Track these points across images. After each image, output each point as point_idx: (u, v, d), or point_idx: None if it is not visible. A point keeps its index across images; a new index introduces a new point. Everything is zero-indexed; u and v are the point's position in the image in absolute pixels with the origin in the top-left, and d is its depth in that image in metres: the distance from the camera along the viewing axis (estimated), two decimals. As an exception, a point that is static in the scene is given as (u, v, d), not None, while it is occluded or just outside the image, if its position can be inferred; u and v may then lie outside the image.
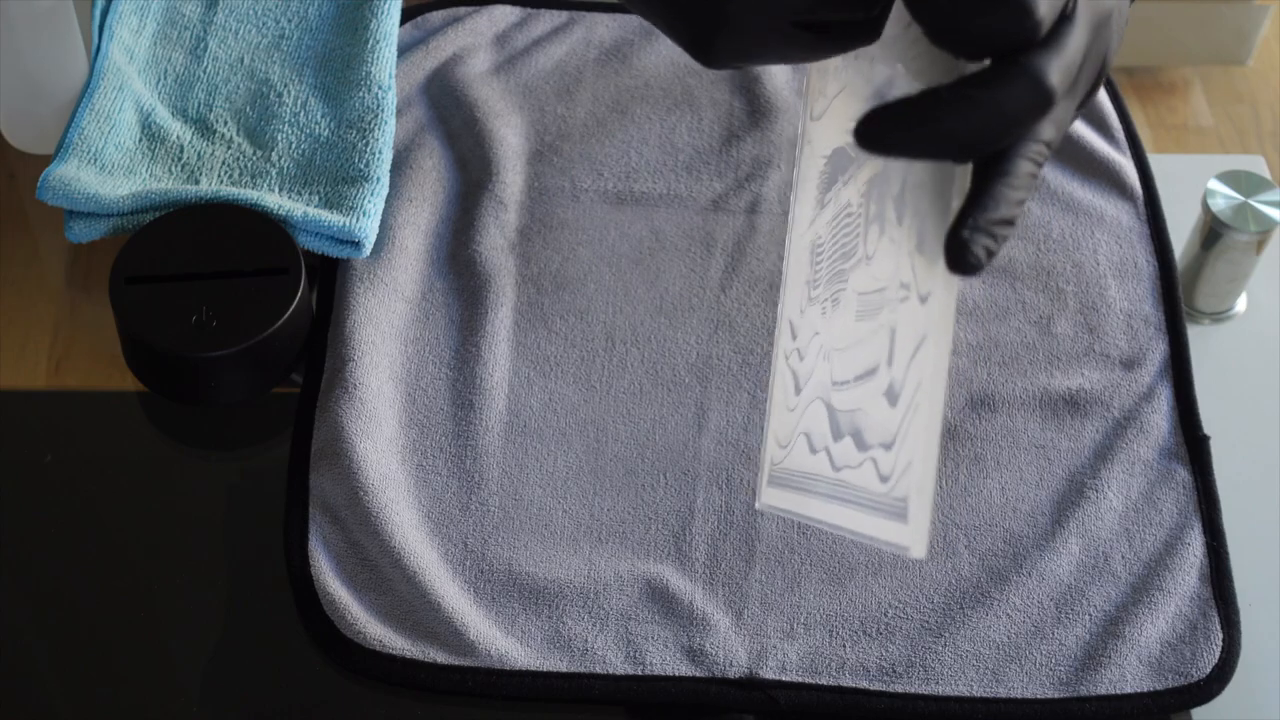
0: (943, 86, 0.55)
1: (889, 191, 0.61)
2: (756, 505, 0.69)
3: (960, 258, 0.56)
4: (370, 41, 0.89)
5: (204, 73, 0.89)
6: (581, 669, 0.72)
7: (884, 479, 0.60)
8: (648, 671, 0.72)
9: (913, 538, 0.58)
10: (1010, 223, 0.57)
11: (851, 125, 0.57)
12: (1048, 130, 0.58)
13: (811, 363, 0.66)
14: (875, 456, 0.60)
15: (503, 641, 0.72)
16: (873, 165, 0.62)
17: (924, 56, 0.59)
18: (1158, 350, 0.82)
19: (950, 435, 0.77)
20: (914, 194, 0.59)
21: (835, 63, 0.66)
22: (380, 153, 0.84)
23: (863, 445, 0.61)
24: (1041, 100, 0.56)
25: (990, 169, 0.57)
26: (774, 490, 0.68)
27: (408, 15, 0.93)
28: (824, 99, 0.67)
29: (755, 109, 0.89)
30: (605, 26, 0.93)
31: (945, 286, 0.57)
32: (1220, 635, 0.73)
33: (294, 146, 0.85)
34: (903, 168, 0.60)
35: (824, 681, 0.72)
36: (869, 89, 0.63)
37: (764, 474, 0.69)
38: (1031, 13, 0.55)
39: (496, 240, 0.84)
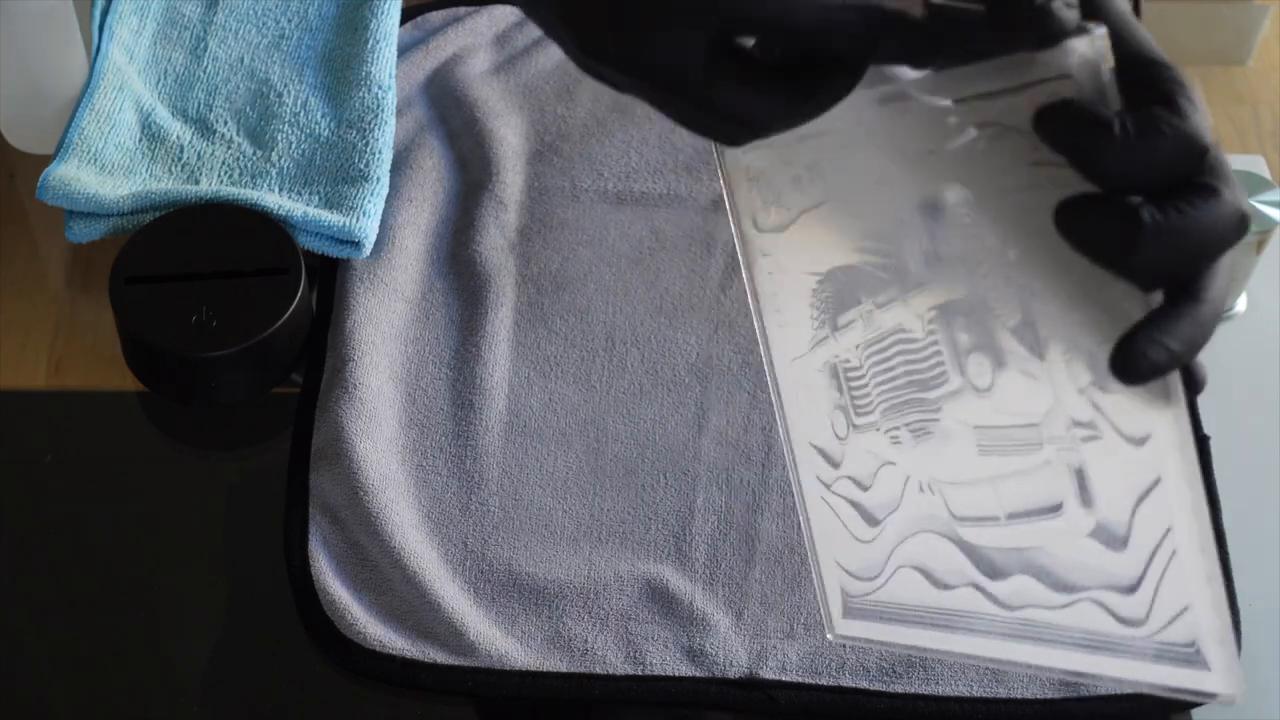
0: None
1: (998, 323, 0.56)
2: (829, 636, 0.66)
3: (1132, 366, 0.51)
4: (370, 41, 0.89)
5: (204, 73, 0.89)
6: (581, 669, 0.72)
7: (1130, 623, 0.57)
8: (648, 671, 0.72)
9: (1223, 683, 0.56)
10: (1198, 347, 0.52)
11: (859, 243, 0.55)
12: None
13: (889, 494, 0.63)
14: (1101, 599, 0.57)
15: (503, 641, 0.72)
16: (945, 292, 0.58)
17: (983, 168, 0.55)
18: (1158, 350, 0.82)
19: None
20: (1056, 326, 0.54)
21: (763, 163, 0.61)
22: (380, 153, 0.84)
23: (1062, 586, 0.58)
24: (1241, 224, 0.52)
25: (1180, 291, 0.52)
26: (857, 623, 0.65)
27: (408, 15, 0.93)
28: (782, 210, 0.62)
29: (755, 109, 0.89)
30: (605, 26, 0.93)
31: (1172, 425, 0.52)
32: (1220, 635, 0.73)
33: (294, 146, 0.85)
34: (1021, 300, 0.55)
35: (824, 681, 0.72)
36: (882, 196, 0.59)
37: (832, 604, 0.65)
38: (1204, 140, 0.50)
39: (496, 240, 0.84)
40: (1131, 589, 0.56)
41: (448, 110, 0.89)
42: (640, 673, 0.72)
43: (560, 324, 0.82)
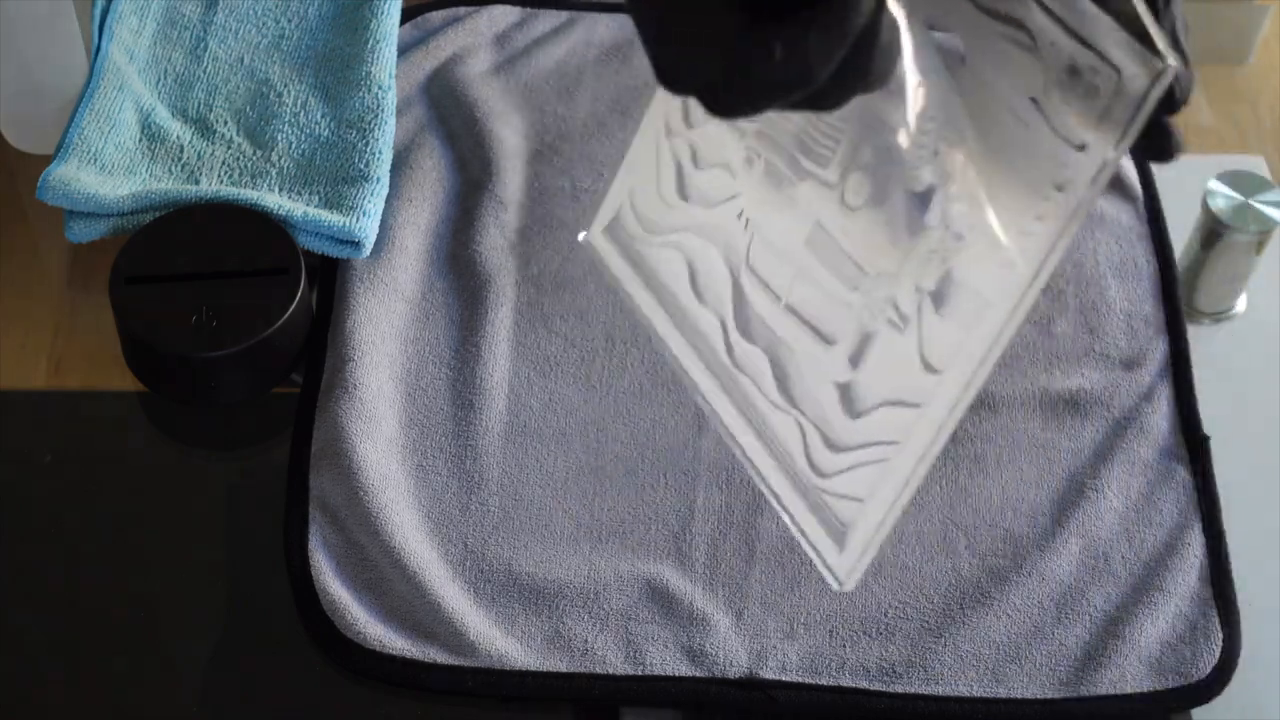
0: None
1: (902, 174, 0.54)
2: (580, 235, 0.62)
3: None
4: (370, 41, 0.89)
5: (204, 73, 0.89)
6: (581, 669, 0.72)
7: (816, 469, 0.58)
8: (648, 672, 0.72)
9: (846, 575, 0.57)
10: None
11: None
12: None
13: (715, 191, 0.60)
14: (806, 430, 0.57)
15: (503, 641, 0.72)
16: (878, 113, 0.55)
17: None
18: (1158, 350, 0.82)
19: (951, 436, 0.77)
20: (948, 214, 0.54)
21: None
22: (380, 153, 0.84)
23: (785, 393, 0.58)
24: None
25: None
26: (610, 244, 0.60)
27: (408, 15, 0.93)
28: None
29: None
30: (605, 26, 0.93)
31: (958, 385, 0.53)
32: (1220, 635, 0.73)
33: (294, 146, 0.85)
34: (936, 176, 0.54)
35: (824, 682, 0.72)
36: None
37: (602, 214, 0.60)
38: None
39: (496, 240, 0.84)
40: (834, 448, 0.57)
41: (448, 110, 0.89)
42: (640, 673, 0.72)
43: (560, 324, 0.82)
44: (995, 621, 0.73)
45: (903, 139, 0.55)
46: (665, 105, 0.63)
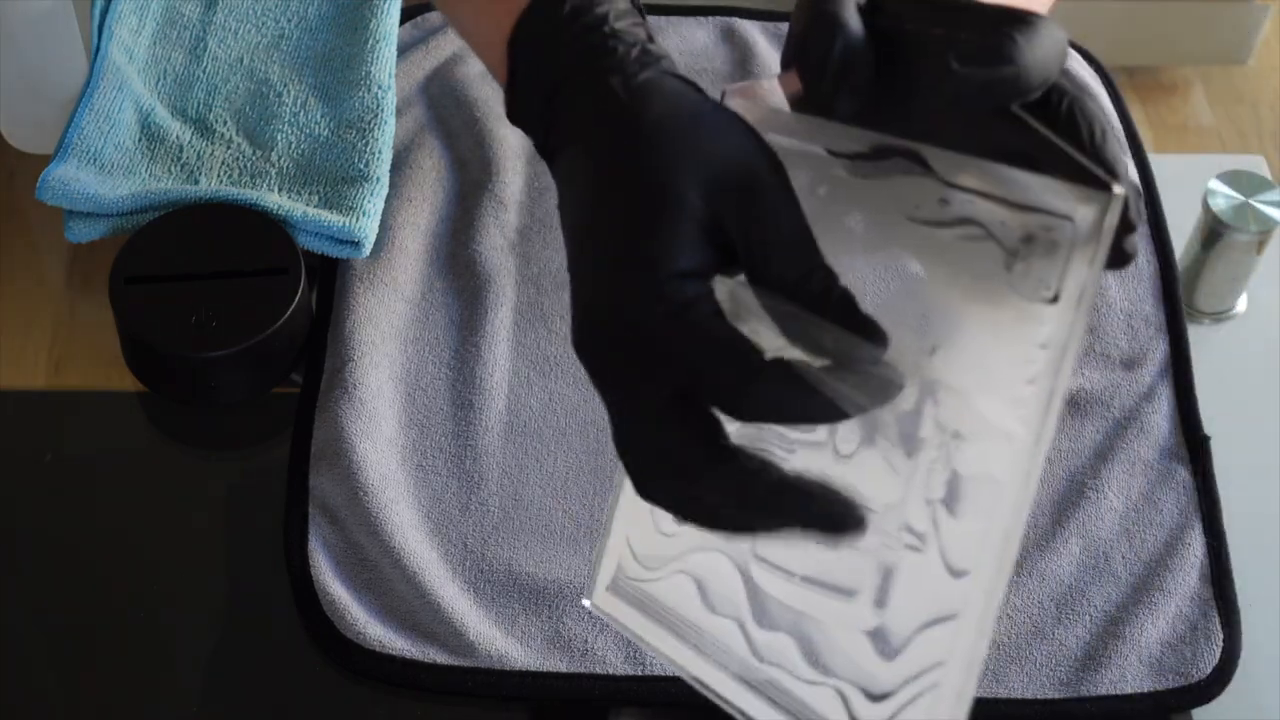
0: None
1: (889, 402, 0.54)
2: (585, 602, 0.64)
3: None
4: (370, 41, 0.89)
5: (204, 73, 0.89)
6: (581, 669, 0.72)
7: None
8: (647, 672, 0.72)
9: None
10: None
11: None
12: None
13: None
14: (846, 693, 0.57)
15: (503, 641, 0.72)
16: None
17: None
18: (1158, 350, 0.82)
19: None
20: (938, 431, 0.54)
21: None
22: (380, 153, 0.84)
23: (817, 664, 0.57)
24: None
25: None
26: (616, 601, 0.64)
27: (408, 15, 0.93)
28: None
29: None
30: (605, 26, 0.93)
31: (992, 574, 0.52)
32: (1220, 635, 0.73)
33: (294, 146, 0.85)
34: (920, 389, 0.54)
35: (824, 682, 0.71)
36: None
37: (603, 573, 0.65)
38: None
39: (496, 240, 0.84)
40: (879, 698, 0.56)
41: (448, 110, 0.89)
42: (640, 673, 0.72)
43: (560, 324, 0.82)
44: (995, 621, 0.73)
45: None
46: None
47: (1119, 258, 0.51)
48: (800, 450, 0.58)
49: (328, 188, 0.83)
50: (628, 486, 0.63)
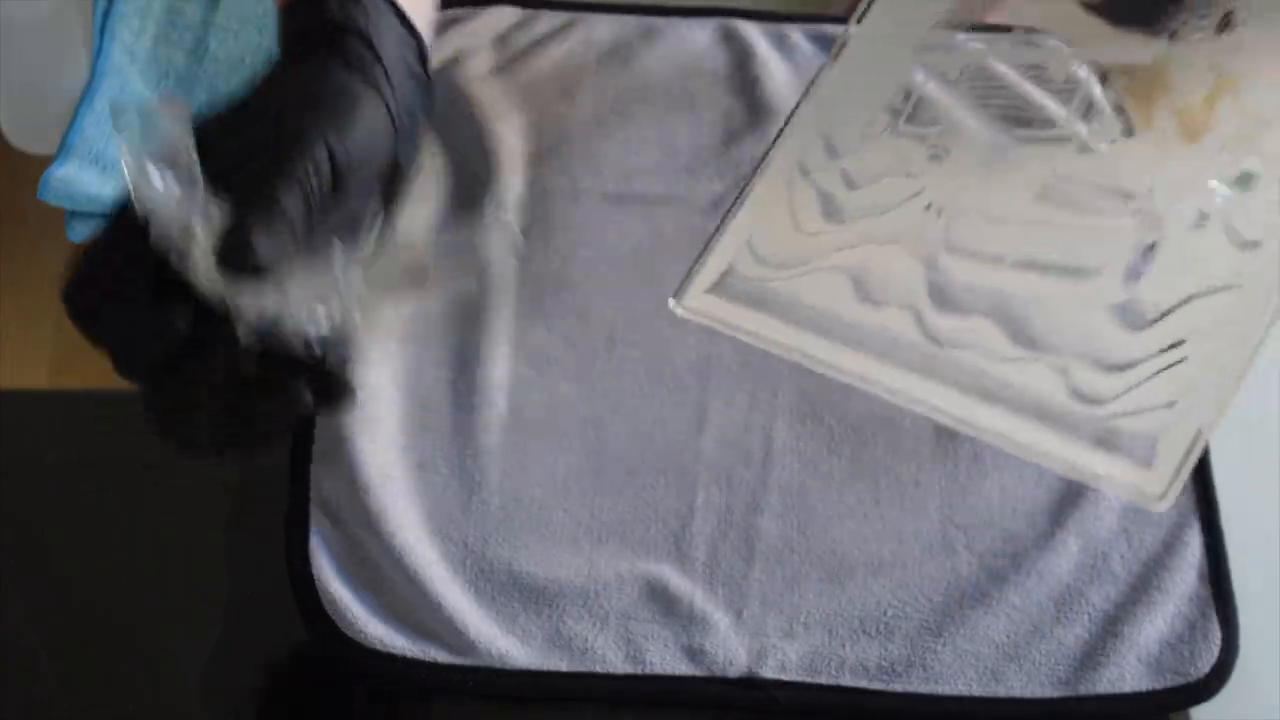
0: None
1: (1168, 93, 0.57)
2: (671, 304, 0.65)
3: None
4: (370, 42, 0.89)
5: (204, 73, 0.89)
6: (581, 669, 0.72)
7: (1088, 400, 0.56)
8: (648, 671, 0.72)
9: (1158, 486, 0.55)
10: None
11: None
12: None
13: (882, 199, 0.61)
14: (1068, 367, 0.56)
15: (503, 641, 0.72)
16: (1120, 52, 0.58)
17: None
18: (1157, 350, 0.82)
19: (950, 435, 0.77)
20: (1238, 107, 0.56)
21: None
22: (380, 153, 0.84)
23: (1027, 341, 0.57)
24: None
25: None
26: (719, 301, 0.64)
27: (408, 16, 0.93)
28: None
29: (755, 110, 0.89)
30: (605, 27, 0.93)
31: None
32: (1219, 635, 0.73)
33: (294, 147, 0.85)
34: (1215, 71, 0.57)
35: (824, 681, 0.72)
36: None
37: (704, 276, 0.64)
38: None
39: (496, 240, 0.84)
40: (1118, 368, 0.55)
41: (448, 110, 0.89)
42: (640, 672, 0.72)
43: (560, 324, 0.82)
44: (994, 621, 0.73)
45: (1172, 71, 0.55)
46: (794, 150, 0.64)
47: None
48: (1026, 147, 0.58)
49: (328, 188, 0.83)
50: (755, 193, 0.63)
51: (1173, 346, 0.55)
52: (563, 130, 0.89)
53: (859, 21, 0.66)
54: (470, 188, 0.87)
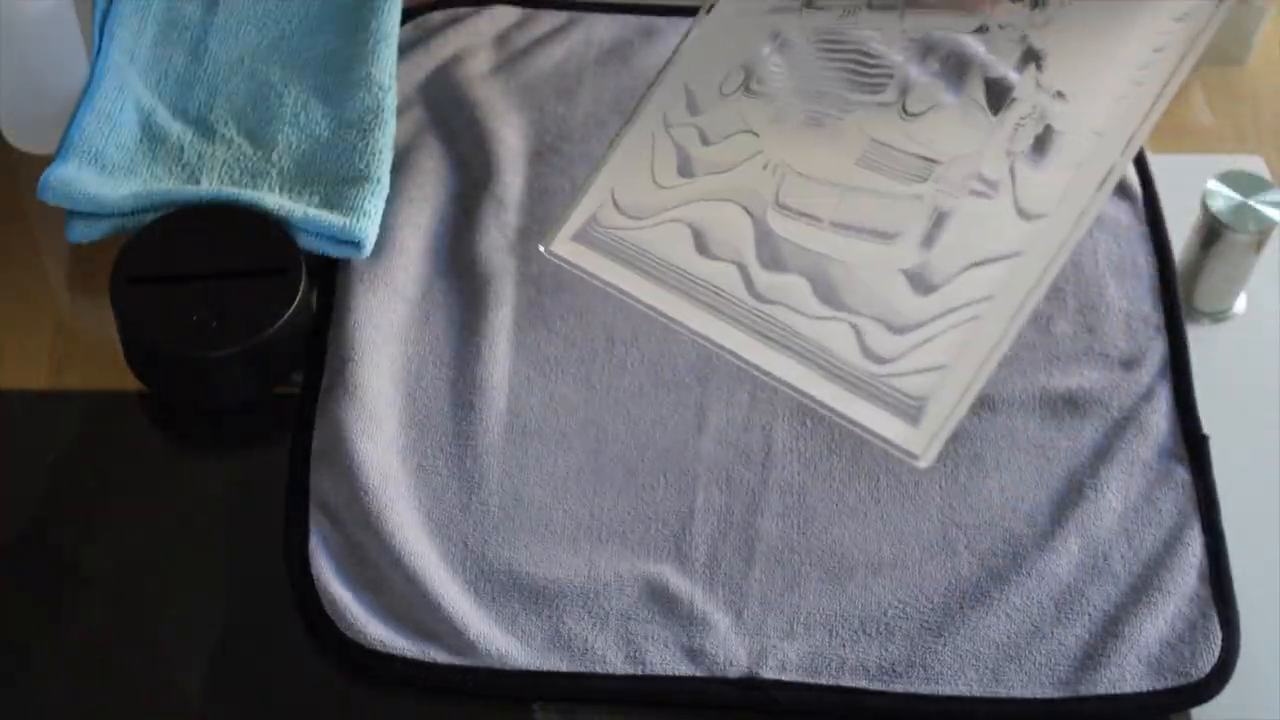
0: None
1: (980, 64, 0.60)
2: (541, 248, 0.68)
3: None
4: (370, 42, 0.89)
5: (204, 73, 0.89)
6: (581, 669, 0.72)
7: (875, 358, 0.59)
8: (648, 671, 0.72)
9: (921, 444, 0.58)
10: None
11: None
12: None
13: (727, 157, 0.66)
14: (861, 326, 0.60)
15: (503, 641, 0.72)
16: (940, 23, 0.62)
17: None
18: (1157, 350, 0.82)
19: (950, 436, 0.77)
20: (1036, 90, 0.59)
21: None
22: (380, 153, 0.85)
23: (831, 300, 0.60)
24: None
25: None
26: (580, 248, 0.67)
27: (408, 15, 0.93)
28: None
29: (755, 109, 0.89)
30: (605, 27, 0.93)
31: (1069, 219, 0.56)
32: (1219, 635, 0.73)
33: (294, 147, 0.85)
34: (1021, 54, 0.60)
35: (824, 681, 0.72)
36: None
37: (570, 224, 0.68)
38: None
39: (496, 240, 0.84)
40: (902, 330, 0.59)
41: (448, 110, 0.89)
42: (640, 672, 0.72)
43: (560, 324, 0.82)
44: (995, 621, 0.73)
45: (979, 46, 0.57)
46: (663, 102, 0.66)
47: None
48: (856, 111, 0.61)
49: (328, 188, 0.84)
50: (624, 145, 0.67)
51: (951, 311, 0.58)
52: (563, 130, 0.89)
53: None
54: (470, 188, 0.87)
